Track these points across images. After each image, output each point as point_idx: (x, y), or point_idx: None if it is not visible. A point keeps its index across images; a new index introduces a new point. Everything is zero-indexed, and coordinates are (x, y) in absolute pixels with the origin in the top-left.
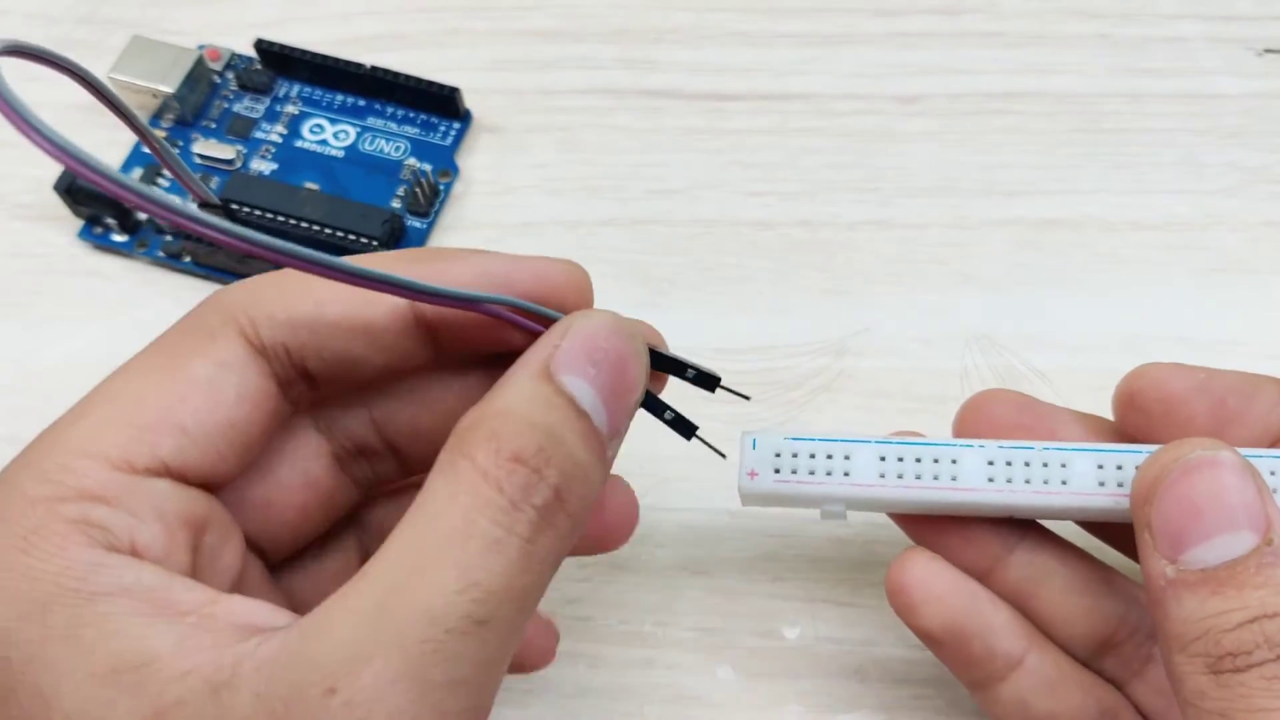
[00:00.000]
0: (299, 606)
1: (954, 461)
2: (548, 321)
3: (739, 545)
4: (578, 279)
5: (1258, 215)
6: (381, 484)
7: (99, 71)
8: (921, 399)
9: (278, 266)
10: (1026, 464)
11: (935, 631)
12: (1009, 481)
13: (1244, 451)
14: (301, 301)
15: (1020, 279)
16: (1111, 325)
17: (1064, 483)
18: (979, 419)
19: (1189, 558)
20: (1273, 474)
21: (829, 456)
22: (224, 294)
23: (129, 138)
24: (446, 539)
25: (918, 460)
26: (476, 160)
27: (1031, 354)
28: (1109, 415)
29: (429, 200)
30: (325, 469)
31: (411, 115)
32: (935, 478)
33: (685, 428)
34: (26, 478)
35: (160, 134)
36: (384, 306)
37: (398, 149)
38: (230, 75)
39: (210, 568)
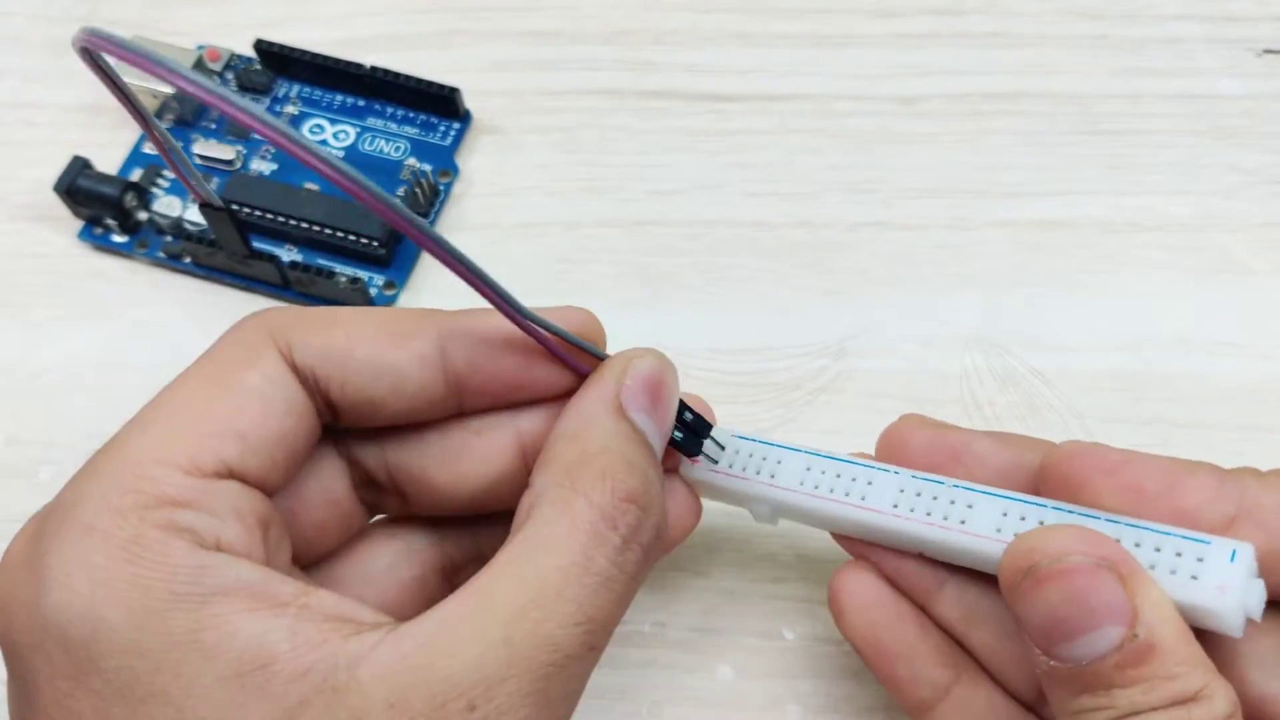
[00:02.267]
0: None
1: (869, 483)
2: (589, 358)
3: (739, 545)
4: (597, 326)
5: (1257, 216)
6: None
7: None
8: (921, 400)
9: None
10: (934, 498)
11: (856, 642)
12: (911, 511)
13: (1118, 522)
14: (334, 335)
15: (1020, 280)
16: (1110, 326)
17: (963, 522)
18: (890, 445)
19: (1059, 653)
20: (1158, 550)
21: (764, 459)
22: (265, 315)
23: (130, 137)
24: (566, 573)
25: (837, 476)
26: (476, 161)
27: (1031, 355)
28: (1109, 415)
29: (429, 200)
30: (345, 491)
31: (411, 116)
32: (847, 494)
33: (690, 441)
34: (108, 489)
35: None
36: (412, 354)
37: (397, 149)
38: (230, 76)
39: (275, 565)
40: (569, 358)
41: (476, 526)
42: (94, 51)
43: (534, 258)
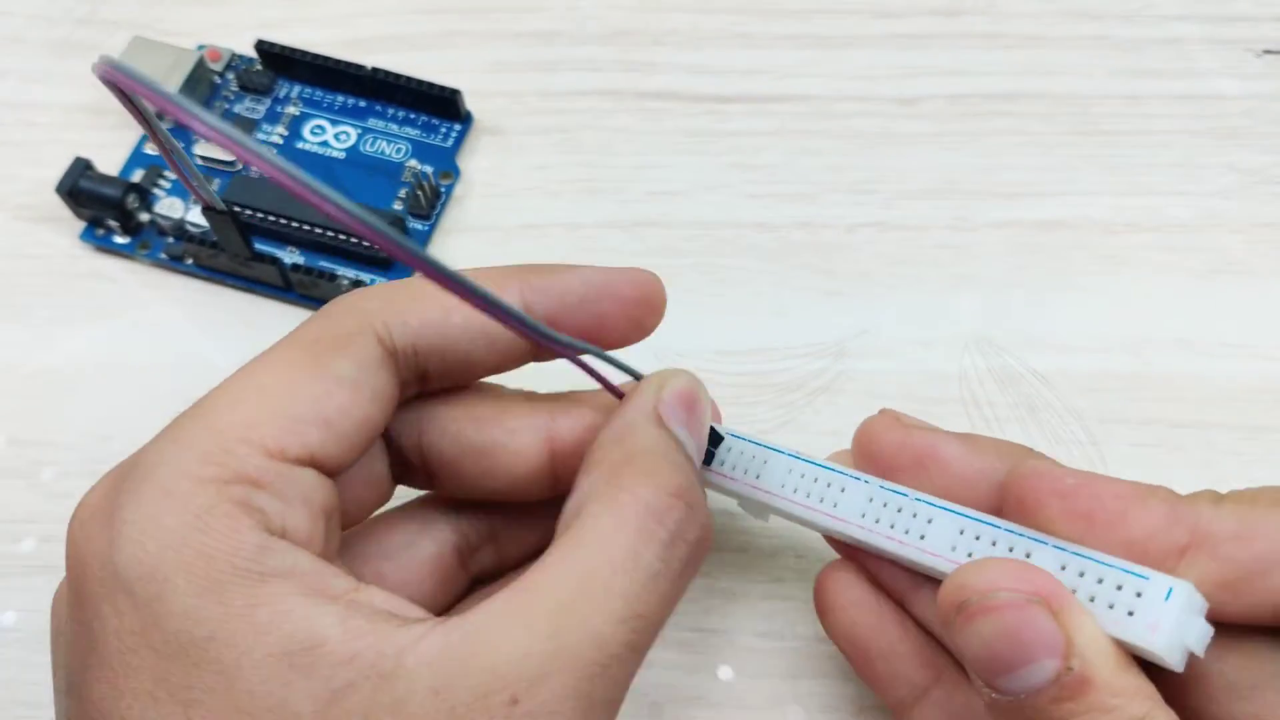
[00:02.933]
0: None
1: (842, 490)
2: (622, 373)
3: (739, 547)
4: (647, 290)
5: (1257, 216)
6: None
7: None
8: (921, 400)
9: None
10: (899, 510)
11: (838, 640)
12: (876, 522)
13: (1064, 549)
14: (431, 308)
15: (1019, 280)
16: (1110, 327)
17: (922, 537)
18: (862, 442)
19: (998, 686)
20: (1100, 581)
21: (752, 458)
22: (359, 298)
23: (131, 137)
24: (613, 568)
25: (815, 480)
26: (478, 163)
27: (1031, 355)
28: (1108, 415)
29: (430, 202)
30: (384, 469)
31: (412, 117)
32: (821, 500)
33: (708, 455)
34: (191, 458)
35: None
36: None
37: (399, 151)
38: (231, 76)
39: (329, 554)
40: (599, 375)
41: (493, 510)
42: (111, 80)
43: (535, 258)
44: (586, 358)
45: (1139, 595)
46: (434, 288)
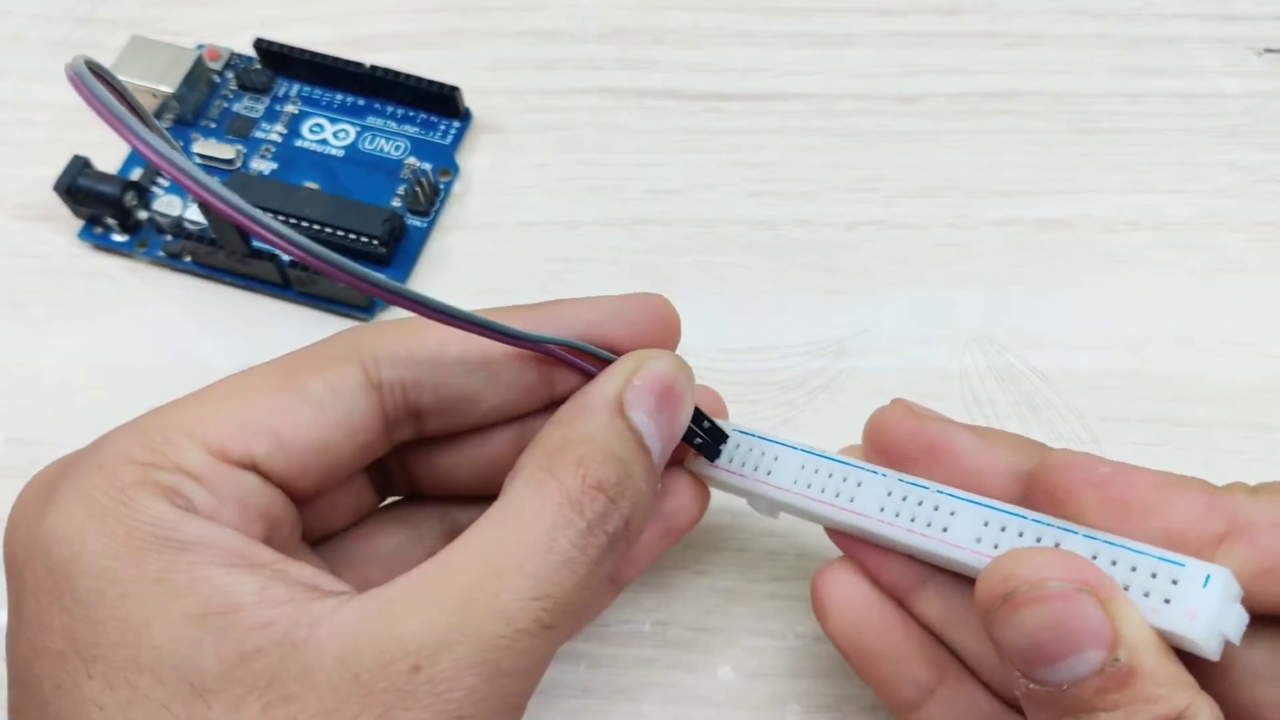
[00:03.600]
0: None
1: (859, 484)
2: (601, 362)
3: (739, 545)
4: (659, 314)
5: (1257, 215)
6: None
7: None
8: (921, 399)
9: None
10: (919, 503)
11: (839, 642)
12: (896, 516)
13: (1095, 538)
14: (424, 339)
15: (1020, 279)
16: (1111, 325)
17: (945, 530)
18: (873, 433)
19: (1038, 677)
20: (1134, 570)
21: (762, 454)
22: (354, 330)
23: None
24: (527, 549)
25: (829, 475)
26: (476, 160)
27: (1031, 353)
28: (1109, 414)
29: (429, 199)
30: (364, 480)
31: (411, 114)
32: (836, 495)
33: (712, 450)
34: (131, 442)
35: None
36: (504, 346)
37: (397, 148)
38: (230, 75)
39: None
40: (579, 363)
41: (484, 507)
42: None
43: (534, 257)
44: (574, 354)
45: (1175, 583)
46: (430, 324)
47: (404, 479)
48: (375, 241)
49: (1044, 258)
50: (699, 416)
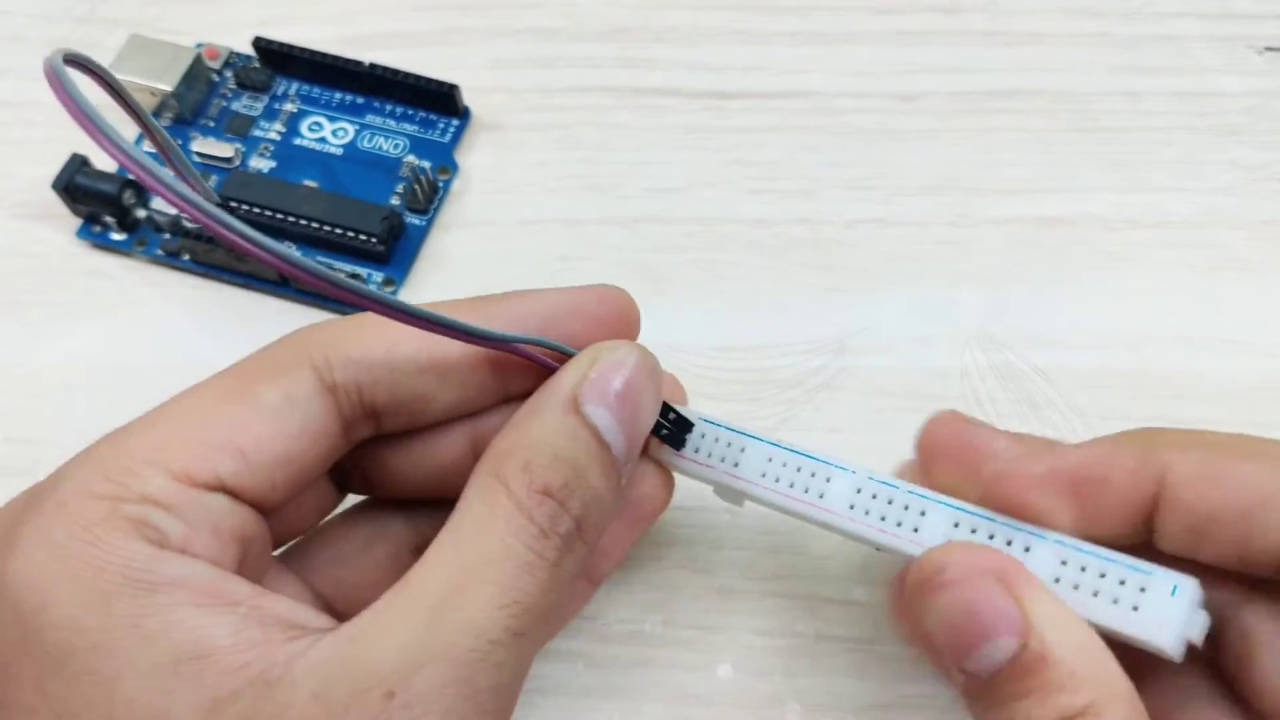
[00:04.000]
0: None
1: (827, 480)
2: (566, 358)
3: (739, 544)
4: (616, 306)
5: (1258, 213)
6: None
7: None
8: (921, 397)
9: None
10: (889, 502)
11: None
12: (866, 514)
13: (1063, 544)
14: (375, 339)
15: (1020, 277)
16: (1111, 323)
17: (915, 530)
18: (925, 445)
19: (965, 666)
20: (1102, 576)
21: (728, 445)
22: (303, 332)
23: (128, 134)
24: (486, 559)
25: (798, 470)
26: (476, 159)
27: (1032, 352)
28: (1110, 412)
29: (428, 197)
30: (326, 483)
31: (410, 112)
32: (806, 490)
33: (678, 439)
34: (91, 475)
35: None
36: (456, 345)
37: (396, 146)
38: (229, 74)
39: (249, 575)
40: (551, 364)
41: (447, 505)
42: (78, 61)
43: (534, 255)
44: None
45: (1142, 590)
46: (380, 321)
47: (361, 480)
48: (374, 239)
49: (1044, 256)
50: (665, 409)
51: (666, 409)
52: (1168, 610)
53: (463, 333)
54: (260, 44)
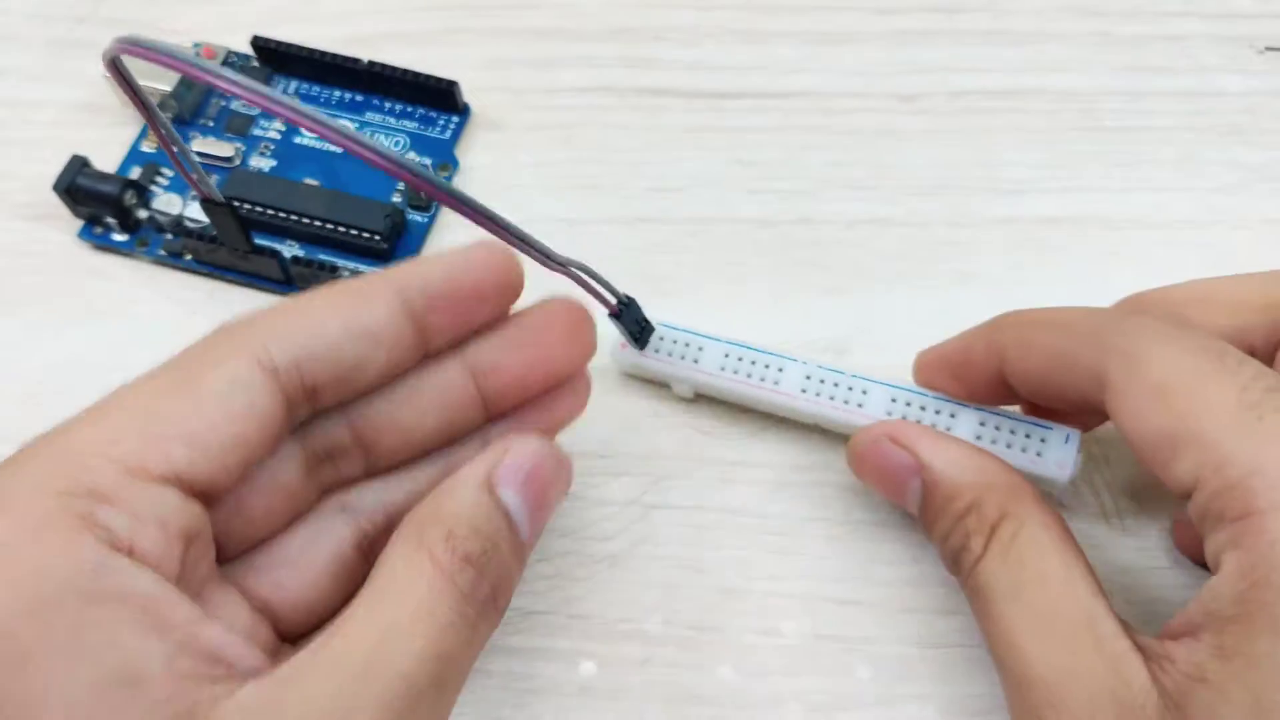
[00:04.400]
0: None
1: (780, 370)
2: (605, 292)
3: (739, 544)
4: (496, 266)
5: (1259, 213)
6: (340, 483)
7: (95, 71)
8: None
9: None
10: (835, 384)
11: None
12: (817, 395)
13: (970, 409)
14: (306, 318)
15: (1021, 277)
16: None
17: (860, 405)
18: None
19: (910, 511)
20: (1012, 433)
21: (687, 345)
22: (237, 321)
23: (128, 135)
24: (414, 616)
25: (753, 363)
26: (477, 159)
27: None
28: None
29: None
30: (297, 476)
31: (410, 110)
32: (762, 379)
33: (642, 337)
34: (39, 469)
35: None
36: (378, 310)
37: (397, 144)
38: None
39: (190, 577)
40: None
41: (387, 498)
42: (119, 58)
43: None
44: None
45: (1043, 441)
46: (307, 298)
47: (359, 454)
48: (377, 236)
49: (1046, 256)
50: (632, 315)
51: (631, 316)
52: (1064, 454)
53: (535, 249)
54: (258, 43)
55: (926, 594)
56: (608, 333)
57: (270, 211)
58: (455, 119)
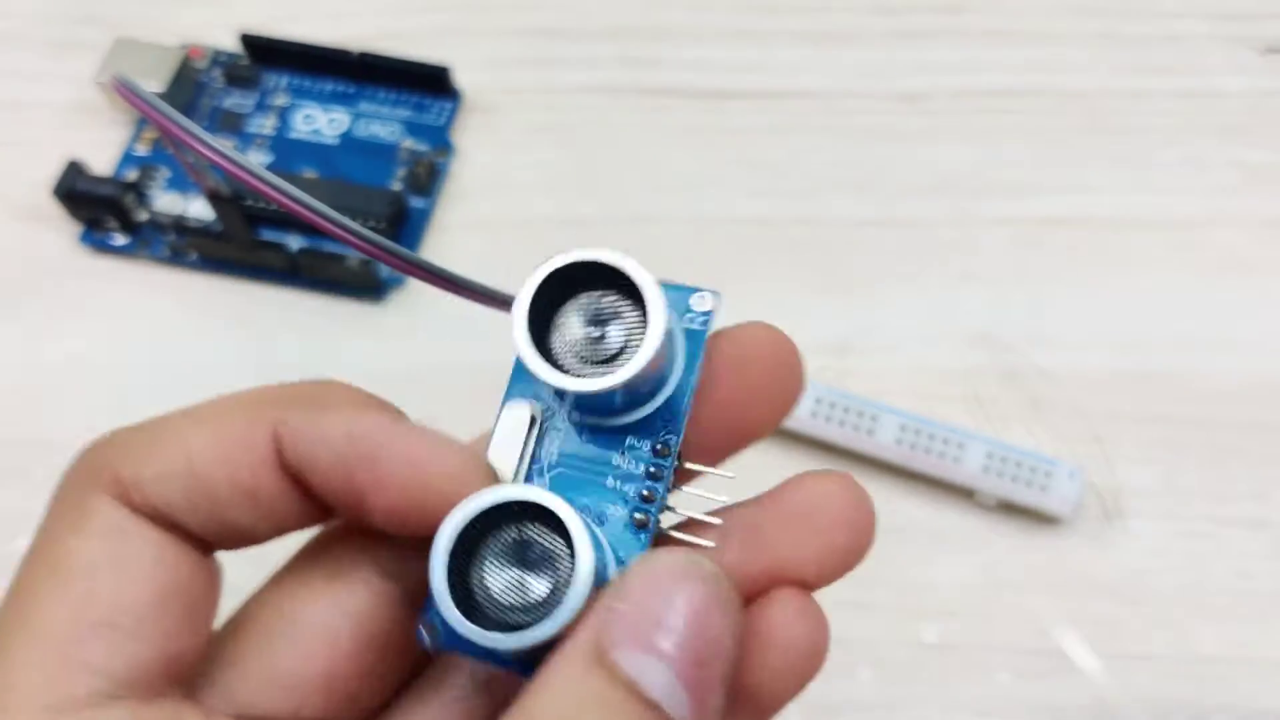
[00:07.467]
0: None
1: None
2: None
3: None
4: (468, 472)
5: (1260, 213)
6: None
7: (88, 73)
8: (924, 398)
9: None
10: (845, 410)
11: None
12: (826, 420)
13: (988, 443)
14: (171, 455)
15: (1023, 277)
16: (1114, 323)
17: (870, 433)
18: None
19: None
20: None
21: None
22: (85, 456)
23: (124, 136)
24: None
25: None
26: (477, 158)
27: (1035, 352)
28: (1113, 412)
29: (429, 179)
30: (290, 506)
31: (403, 97)
32: None
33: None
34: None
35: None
36: (256, 455)
37: (392, 131)
38: (217, 72)
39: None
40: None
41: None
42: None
43: (533, 254)
44: None
45: (1048, 475)
46: (173, 425)
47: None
48: (381, 224)
49: (1048, 256)
50: None
51: None
52: (1068, 489)
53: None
54: (247, 39)
55: (927, 596)
56: None
57: (271, 206)
58: (449, 104)
